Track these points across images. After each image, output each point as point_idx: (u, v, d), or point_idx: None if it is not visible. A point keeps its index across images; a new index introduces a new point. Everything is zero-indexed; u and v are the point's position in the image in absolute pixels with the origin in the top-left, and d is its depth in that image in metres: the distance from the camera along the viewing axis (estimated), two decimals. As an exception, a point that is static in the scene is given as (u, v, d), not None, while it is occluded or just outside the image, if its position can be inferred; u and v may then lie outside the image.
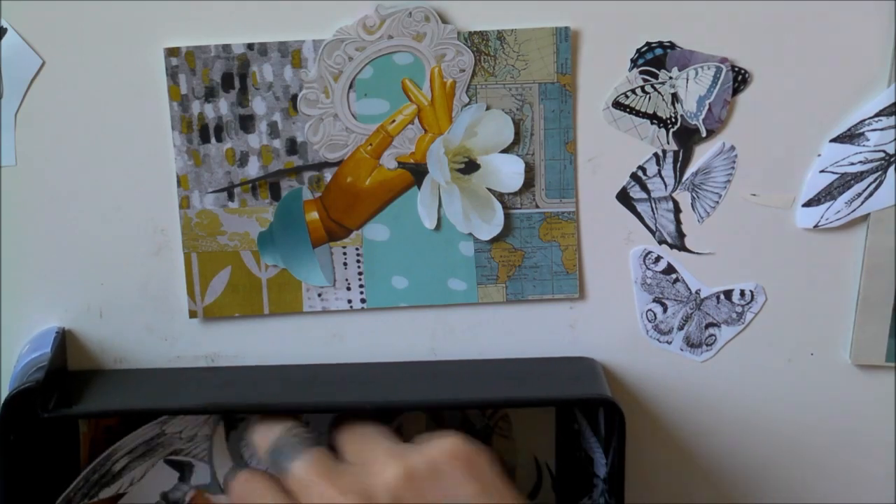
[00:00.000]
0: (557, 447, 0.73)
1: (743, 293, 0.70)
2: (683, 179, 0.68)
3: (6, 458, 0.63)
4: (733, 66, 0.65)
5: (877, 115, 0.66)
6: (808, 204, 0.68)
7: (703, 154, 0.67)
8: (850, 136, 0.66)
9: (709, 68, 0.65)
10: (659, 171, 0.67)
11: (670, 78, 0.65)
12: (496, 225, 0.67)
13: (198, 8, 0.63)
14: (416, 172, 0.67)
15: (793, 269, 0.69)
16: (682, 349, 0.71)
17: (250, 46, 0.64)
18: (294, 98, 0.65)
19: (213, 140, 0.66)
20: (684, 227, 0.68)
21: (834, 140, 0.66)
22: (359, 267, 0.68)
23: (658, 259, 0.69)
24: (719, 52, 0.65)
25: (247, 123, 0.65)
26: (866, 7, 0.64)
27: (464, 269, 0.68)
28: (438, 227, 0.67)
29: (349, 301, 0.69)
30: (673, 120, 0.66)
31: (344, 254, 0.68)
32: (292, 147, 0.66)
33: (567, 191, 0.67)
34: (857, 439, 0.73)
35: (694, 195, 0.68)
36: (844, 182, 0.67)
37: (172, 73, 0.64)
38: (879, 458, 0.73)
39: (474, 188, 0.67)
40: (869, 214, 0.67)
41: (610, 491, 0.66)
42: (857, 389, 0.72)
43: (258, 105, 0.65)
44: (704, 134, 0.67)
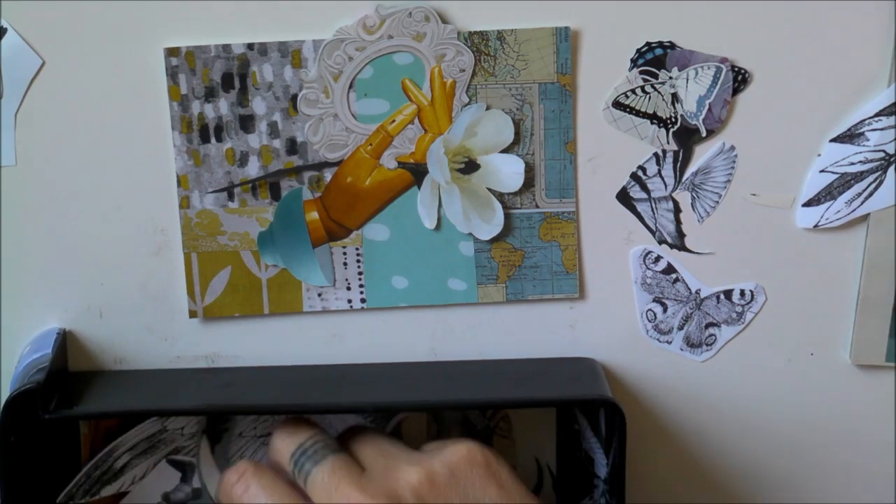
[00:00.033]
0: (558, 447, 0.73)
1: (743, 293, 0.70)
2: (683, 179, 0.68)
3: (7, 460, 0.63)
4: (733, 66, 0.65)
5: (877, 115, 0.66)
6: (808, 204, 0.68)
7: (703, 154, 0.67)
8: (850, 136, 0.66)
9: (709, 68, 0.65)
10: (659, 171, 0.67)
11: (670, 78, 0.65)
12: (496, 225, 0.67)
13: (198, 8, 0.63)
14: (416, 172, 0.67)
15: (793, 269, 0.69)
16: (682, 349, 0.71)
17: (250, 46, 0.64)
18: (294, 98, 0.65)
19: (213, 140, 0.66)
20: (684, 227, 0.68)
21: (834, 140, 0.66)
22: (359, 267, 0.68)
23: (658, 259, 0.69)
24: (719, 52, 0.65)
25: (247, 123, 0.65)
26: (866, 7, 0.64)
27: (464, 269, 0.68)
28: (438, 227, 0.67)
29: (349, 301, 0.69)
30: (673, 120, 0.66)
31: (344, 254, 0.68)
32: (292, 147, 0.66)
33: (567, 191, 0.67)
34: (857, 439, 0.73)
35: (694, 195, 0.68)
36: (844, 182, 0.67)
37: (172, 73, 0.64)
38: (879, 458, 0.73)
39: (474, 188, 0.67)
40: (869, 214, 0.67)
41: (611, 491, 0.66)
42: (857, 389, 0.72)
43: (258, 105, 0.65)
44: (704, 134, 0.67)
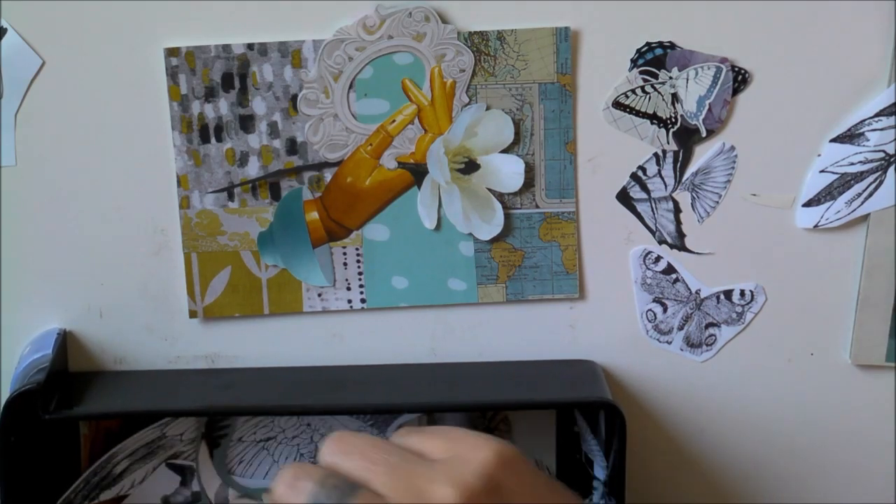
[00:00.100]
0: (557, 449, 0.73)
1: (743, 293, 0.70)
2: (683, 179, 0.68)
3: (7, 460, 0.63)
4: (733, 66, 0.65)
5: (877, 115, 0.66)
6: (808, 204, 0.68)
7: (703, 154, 0.67)
8: (850, 136, 0.66)
9: (709, 68, 0.65)
10: (659, 171, 0.67)
11: (670, 78, 0.65)
12: (496, 225, 0.67)
13: (198, 8, 0.63)
14: (416, 172, 0.67)
15: (793, 269, 0.69)
16: (682, 349, 0.71)
17: (250, 46, 0.64)
18: (294, 98, 0.65)
19: (213, 140, 0.66)
20: (684, 227, 0.68)
21: (834, 140, 0.67)
22: (359, 267, 0.68)
23: (658, 259, 0.69)
24: (719, 52, 0.65)
25: (247, 123, 0.65)
26: (866, 7, 0.64)
27: (464, 269, 0.68)
28: (438, 227, 0.67)
29: (349, 301, 0.69)
30: (673, 120, 0.66)
31: (344, 254, 0.68)
32: (292, 147, 0.66)
33: (567, 191, 0.67)
34: (857, 439, 0.73)
35: (694, 195, 0.68)
36: (844, 182, 0.67)
37: (172, 73, 0.64)
38: (879, 458, 0.73)
39: (474, 188, 0.67)
40: (869, 214, 0.67)
41: (610, 493, 0.66)
42: (857, 389, 0.72)
43: (258, 105, 0.65)
44: (704, 134, 0.67)
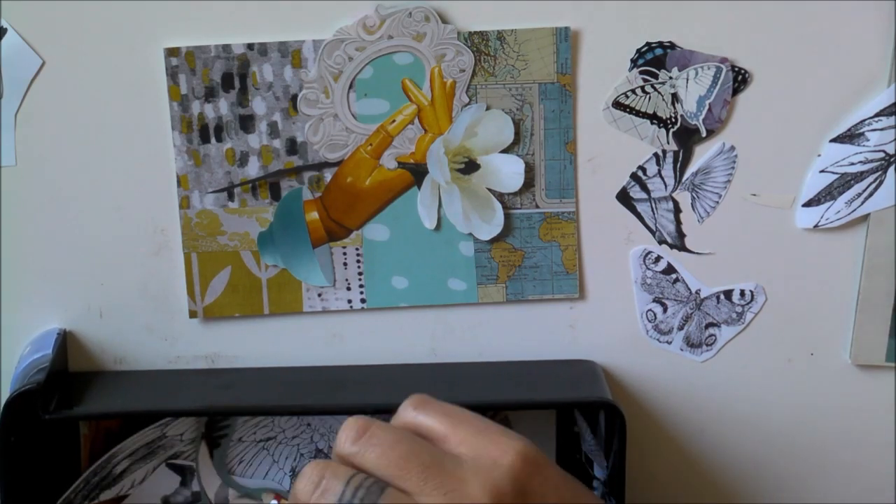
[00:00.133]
0: (557, 449, 0.73)
1: (743, 293, 0.70)
2: (683, 179, 0.68)
3: (7, 460, 0.63)
4: (733, 66, 0.65)
5: (877, 115, 0.66)
6: (808, 204, 0.68)
7: (703, 154, 0.67)
8: (850, 136, 0.66)
9: (709, 68, 0.65)
10: (659, 171, 0.67)
11: (670, 78, 0.65)
12: (496, 225, 0.67)
13: (198, 8, 0.63)
14: (416, 172, 0.67)
15: (793, 269, 0.69)
16: (682, 349, 0.71)
17: (250, 46, 0.64)
18: (294, 98, 0.65)
19: (213, 140, 0.66)
20: (684, 227, 0.68)
21: (834, 140, 0.66)
22: (359, 267, 0.68)
23: (658, 259, 0.69)
24: (719, 52, 0.65)
25: (247, 123, 0.65)
26: (866, 7, 0.64)
27: (464, 269, 0.68)
28: (438, 227, 0.67)
29: (349, 301, 0.69)
30: (673, 120, 0.66)
31: (344, 254, 0.68)
32: (292, 147, 0.66)
33: (567, 191, 0.67)
34: (857, 439, 0.73)
35: (694, 195, 0.68)
36: (844, 182, 0.67)
37: (172, 73, 0.64)
38: (879, 458, 0.73)
39: (474, 188, 0.67)
40: (869, 214, 0.67)
41: (610, 493, 0.66)
42: (857, 389, 0.72)
43: (258, 105, 0.65)
44: (704, 134, 0.67)
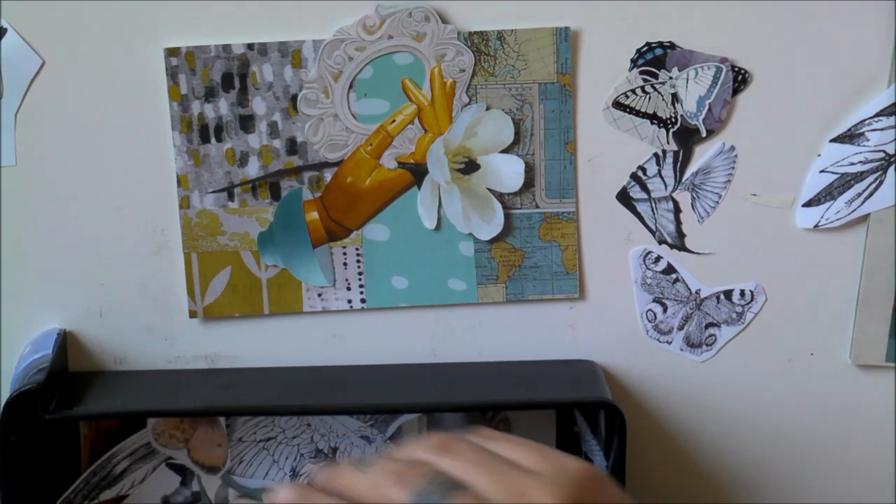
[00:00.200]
0: (558, 449, 0.72)
1: (743, 293, 0.70)
2: (683, 179, 0.68)
3: (7, 460, 0.63)
4: (733, 66, 0.65)
5: (877, 115, 0.66)
6: (808, 204, 0.68)
7: (703, 154, 0.67)
8: (850, 136, 0.66)
9: (709, 68, 0.65)
10: (659, 171, 0.67)
11: (670, 78, 0.65)
12: (496, 225, 0.67)
13: (198, 8, 0.63)
14: (416, 172, 0.67)
15: (793, 269, 0.69)
16: (682, 349, 0.71)
17: (250, 46, 0.64)
18: (294, 98, 0.65)
19: (213, 140, 0.66)
20: (684, 227, 0.68)
21: (834, 140, 0.67)
22: (359, 267, 0.68)
23: (658, 259, 0.69)
24: (719, 52, 0.65)
25: (247, 123, 0.65)
26: (866, 7, 0.64)
27: (464, 269, 0.68)
28: (438, 227, 0.67)
29: (349, 301, 0.69)
30: (673, 120, 0.66)
31: (344, 254, 0.68)
32: (292, 147, 0.66)
33: (567, 191, 0.67)
34: (857, 439, 0.73)
35: (694, 195, 0.68)
36: (844, 182, 0.67)
37: (172, 73, 0.64)
38: (879, 458, 0.73)
39: (474, 188, 0.67)
40: (869, 214, 0.67)
41: (610, 491, 0.66)
42: (857, 389, 0.72)
43: (258, 105, 0.65)
44: (704, 134, 0.67)
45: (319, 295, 0.69)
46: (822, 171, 0.67)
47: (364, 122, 0.66)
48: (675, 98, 0.66)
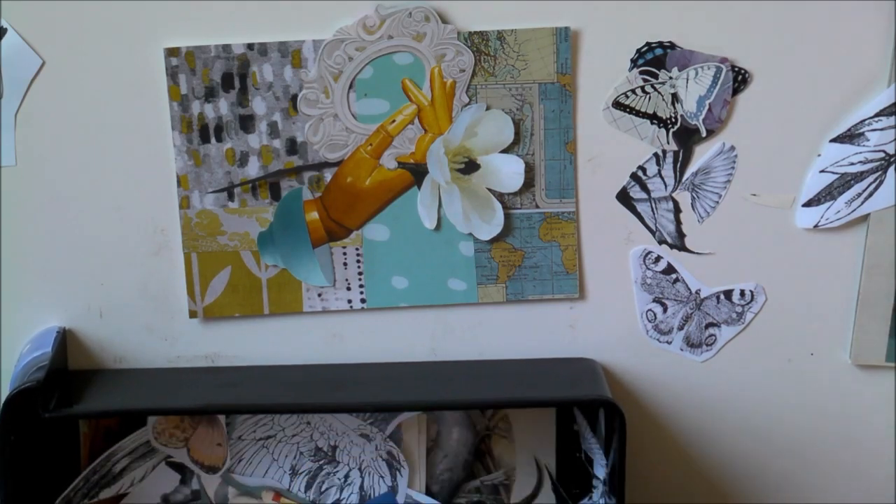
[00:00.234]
0: (557, 448, 0.73)
1: (743, 293, 0.70)
2: (683, 179, 0.68)
3: (7, 458, 0.63)
4: (733, 66, 0.65)
5: (877, 115, 0.66)
6: (808, 204, 0.68)
7: (703, 154, 0.67)
8: (850, 136, 0.66)
9: (709, 68, 0.65)
10: (659, 171, 0.67)
11: (670, 78, 0.65)
12: (496, 225, 0.67)
13: (198, 8, 0.63)
14: (416, 172, 0.67)
15: (793, 269, 0.69)
16: (682, 349, 0.71)
17: (250, 46, 0.64)
18: (294, 98, 0.65)
19: (213, 140, 0.66)
20: (684, 227, 0.68)
21: (834, 140, 0.66)
22: (359, 267, 0.68)
23: (658, 259, 0.69)
24: (719, 52, 0.65)
25: (247, 123, 0.65)
26: (866, 7, 0.64)
27: (464, 269, 0.68)
28: (438, 227, 0.67)
29: (349, 301, 0.69)
30: (673, 120, 0.66)
31: (344, 254, 0.68)
32: (292, 147, 0.66)
33: (567, 191, 0.67)
34: (857, 439, 0.73)
35: (694, 195, 0.68)
36: (844, 182, 0.67)
37: (172, 73, 0.64)
38: (879, 458, 0.73)
39: (474, 188, 0.67)
40: (869, 214, 0.67)
41: (610, 491, 0.66)
42: (857, 389, 0.72)
43: (258, 105, 0.65)
44: (704, 134, 0.67)
45: (319, 295, 0.69)
46: (822, 171, 0.67)
47: (364, 122, 0.66)
48: (675, 98, 0.66)
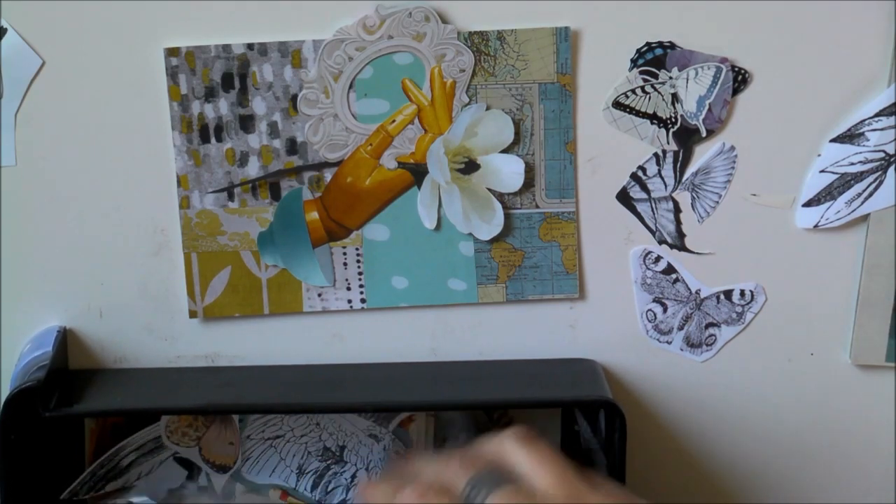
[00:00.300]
0: (561, 448, 0.73)
1: (743, 293, 0.70)
2: (683, 179, 0.68)
3: (7, 458, 0.63)
4: (733, 66, 0.65)
5: (877, 115, 0.66)
6: (808, 204, 0.68)
7: (703, 154, 0.67)
8: (850, 136, 0.66)
9: (709, 68, 0.65)
10: (659, 171, 0.67)
11: (670, 78, 0.65)
12: (496, 225, 0.67)
13: (198, 8, 0.63)
14: (416, 172, 0.67)
15: (793, 269, 0.69)
16: (682, 349, 0.71)
17: (250, 46, 0.64)
18: (294, 98, 0.65)
19: (213, 140, 0.66)
20: (684, 227, 0.68)
21: (834, 140, 0.66)
22: (359, 267, 0.68)
23: (658, 259, 0.69)
24: (719, 52, 0.65)
25: (247, 123, 0.65)
26: (866, 7, 0.64)
27: (464, 269, 0.68)
28: (438, 227, 0.67)
29: (349, 301, 0.69)
30: (673, 120, 0.66)
31: (344, 254, 0.68)
32: (292, 147, 0.66)
33: (567, 191, 0.67)
34: (857, 439, 0.73)
35: (694, 195, 0.68)
36: (844, 182, 0.67)
37: (172, 73, 0.64)
38: (879, 458, 0.73)
39: (474, 188, 0.67)
40: (869, 214, 0.67)
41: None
42: (857, 389, 0.72)
43: (258, 105, 0.65)
44: (704, 134, 0.67)
45: (319, 295, 0.69)
46: (822, 171, 0.67)
47: (364, 122, 0.66)
48: (675, 98, 0.66)
